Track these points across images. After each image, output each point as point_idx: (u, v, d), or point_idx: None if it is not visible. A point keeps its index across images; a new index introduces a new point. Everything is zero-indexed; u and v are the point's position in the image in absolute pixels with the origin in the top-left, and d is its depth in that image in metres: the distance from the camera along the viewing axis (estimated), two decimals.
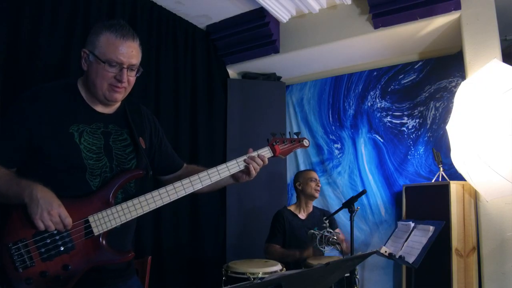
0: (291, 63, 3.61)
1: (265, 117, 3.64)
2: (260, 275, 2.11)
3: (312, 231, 2.39)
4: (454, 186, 2.59)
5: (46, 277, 1.21)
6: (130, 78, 1.39)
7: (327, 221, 2.40)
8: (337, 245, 2.22)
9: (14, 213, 1.23)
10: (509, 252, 2.36)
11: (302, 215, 2.92)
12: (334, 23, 3.19)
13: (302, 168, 3.71)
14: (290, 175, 3.72)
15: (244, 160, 1.52)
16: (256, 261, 2.43)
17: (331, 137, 3.71)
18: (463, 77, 2.73)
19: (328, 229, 2.30)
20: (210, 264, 3.15)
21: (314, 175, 2.98)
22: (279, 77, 3.87)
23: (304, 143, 1.69)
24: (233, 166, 1.51)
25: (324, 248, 2.34)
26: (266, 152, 1.58)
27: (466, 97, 2.37)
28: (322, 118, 3.78)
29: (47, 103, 1.34)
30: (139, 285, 1.54)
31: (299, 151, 3.81)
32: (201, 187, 1.45)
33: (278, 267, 2.25)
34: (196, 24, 3.38)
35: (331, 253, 2.92)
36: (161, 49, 3.00)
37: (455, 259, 2.47)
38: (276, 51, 3.43)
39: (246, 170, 1.53)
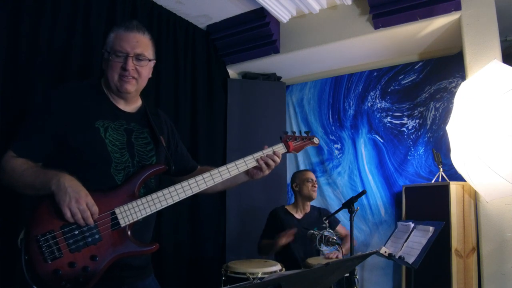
0: (291, 63, 3.61)
1: (265, 117, 3.64)
2: (259, 275, 2.11)
3: (312, 231, 2.39)
4: (454, 186, 2.59)
5: (75, 268, 1.23)
6: (138, 68, 1.45)
7: (327, 221, 2.40)
8: (337, 245, 2.22)
9: (42, 205, 1.26)
10: (509, 253, 2.36)
11: (299, 215, 2.92)
12: (334, 23, 3.19)
13: (302, 168, 3.70)
14: (289, 175, 3.70)
15: (261, 157, 1.58)
16: (255, 261, 2.43)
17: (331, 137, 3.71)
18: (463, 77, 2.73)
19: (328, 229, 2.30)
20: (210, 264, 3.15)
21: (311, 175, 2.97)
22: (279, 77, 3.87)
23: (314, 140, 1.76)
24: (250, 161, 1.57)
25: (323, 248, 2.34)
26: (280, 148, 1.65)
27: (466, 97, 2.37)
28: (322, 118, 3.78)
29: (74, 99, 1.40)
30: (156, 284, 1.56)
31: None
32: (221, 180, 1.51)
33: (277, 267, 2.25)
34: (196, 24, 3.38)
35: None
36: (161, 49, 3.00)
37: (454, 260, 2.47)
38: (276, 51, 3.43)
39: (260, 167, 1.58)
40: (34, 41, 2.18)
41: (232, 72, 3.80)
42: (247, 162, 1.56)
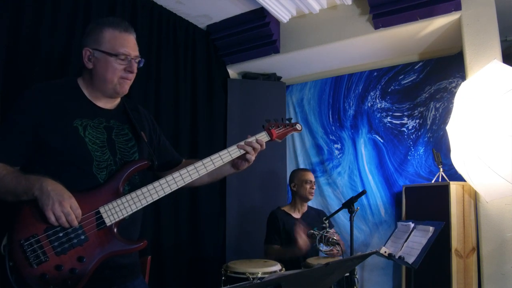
0: (291, 63, 3.61)
1: (265, 117, 3.61)
2: (259, 275, 2.11)
3: (312, 231, 2.39)
4: (454, 186, 2.59)
5: (62, 271, 1.20)
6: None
7: (327, 221, 2.40)
8: (336, 246, 2.22)
9: (24, 209, 1.23)
10: (509, 253, 2.36)
11: (297, 215, 2.91)
12: (334, 23, 3.19)
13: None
14: (289, 175, 3.72)
15: (244, 144, 1.57)
16: (255, 261, 2.43)
17: (331, 137, 3.70)
18: (463, 77, 2.73)
19: (328, 229, 2.30)
20: (209, 264, 3.15)
21: (310, 176, 2.94)
22: (279, 77, 3.87)
23: (297, 127, 1.76)
24: (234, 151, 1.56)
25: (322, 248, 2.34)
26: (263, 137, 1.64)
27: (466, 97, 2.37)
28: (322, 118, 3.78)
29: (50, 99, 1.36)
30: (145, 285, 1.55)
31: (299, 151, 3.82)
32: (206, 171, 1.49)
33: (277, 267, 2.25)
34: (196, 24, 3.38)
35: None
36: (161, 49, 3.00)
37: (454, 260, 2.47)
38: (276, 51, 3.43)
39: (244, 157, 1.57)
40: (34, 41, 2.18)
41: (232, 72, 3.80)
42: (231, 152, 1.55)
